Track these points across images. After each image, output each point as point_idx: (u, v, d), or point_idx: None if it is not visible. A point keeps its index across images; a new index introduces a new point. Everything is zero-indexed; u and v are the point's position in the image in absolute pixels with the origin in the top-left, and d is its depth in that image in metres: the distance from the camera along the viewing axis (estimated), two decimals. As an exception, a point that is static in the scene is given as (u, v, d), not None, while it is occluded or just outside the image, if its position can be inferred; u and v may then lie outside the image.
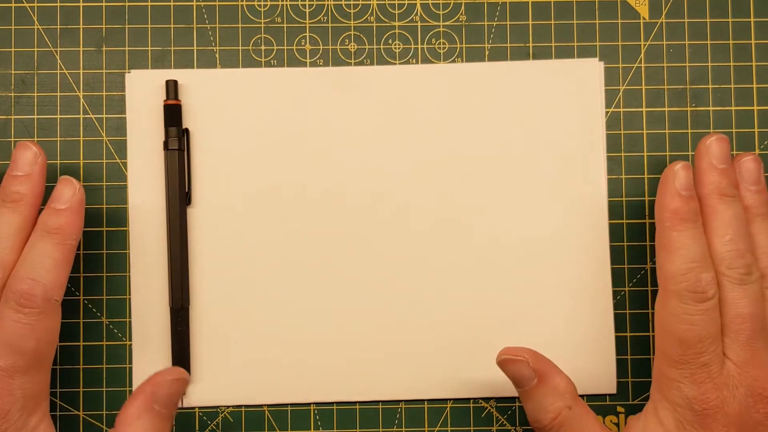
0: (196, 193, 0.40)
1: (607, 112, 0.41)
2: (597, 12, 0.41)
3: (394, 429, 0.40)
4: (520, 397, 0.37)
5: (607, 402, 0.40)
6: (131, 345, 0.40)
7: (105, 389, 0.39)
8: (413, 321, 0.40)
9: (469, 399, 0.40)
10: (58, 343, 0.35)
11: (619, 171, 0.41)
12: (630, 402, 0.40)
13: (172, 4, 0.41)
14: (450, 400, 0.40)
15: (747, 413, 0.33)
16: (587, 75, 0.41)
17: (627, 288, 0.40)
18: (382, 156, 0.40)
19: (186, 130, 0.40)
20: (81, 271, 0.40)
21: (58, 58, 0.40)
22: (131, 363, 0.40)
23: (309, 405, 0.40)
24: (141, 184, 0.40)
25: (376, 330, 0.40)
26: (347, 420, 0.40)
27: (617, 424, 0.40)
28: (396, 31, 0.41)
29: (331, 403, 0.40)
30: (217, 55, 0.40)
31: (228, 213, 0.40)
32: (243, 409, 0.40)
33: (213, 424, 0.40)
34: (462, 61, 0.41)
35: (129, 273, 0.40)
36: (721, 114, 0.41)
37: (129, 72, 0.40)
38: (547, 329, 0.40)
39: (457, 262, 0.40)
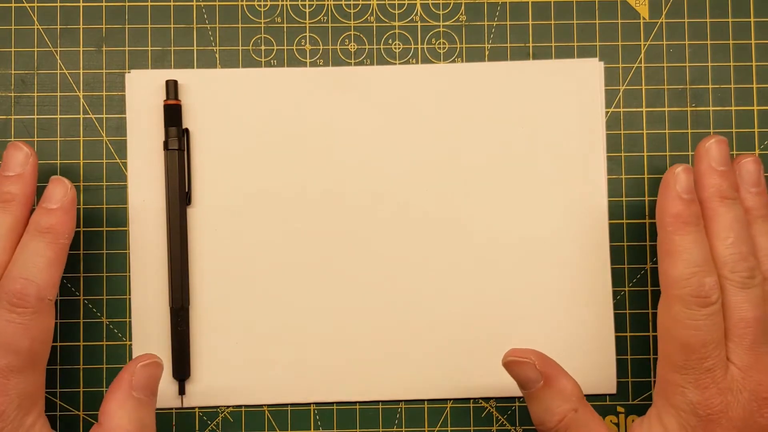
0: (196, 193, 0.40)
1: (607, 112, 0.41)
2: (597, 12, 0.41)
3: (394, 429, 0.40)
4: (525, 399, 0.36)
5: (607, 402, 0.40)
6: (131, 345, 0.40)
7: (105, 389, 0.39)
8: (413, 321, 0.40)
9: (469, 399, 0.40)
10: (52, 343, 0.35)
11: (619, 171, 0.41)
12: (630, 402, 0.40)
13: (172, 4, 0.41)
14: (450, 400, 0.40)
15: (751, 418, 0.33)
16: (587, 75, 0.41)
17: (627, 288, 0.40)
18: (382, 156, 0.40)
19: (186, 130, 0.40)
20: (81, 271, 0.40)
21: (58, 58, 0.40)
22: (131, 363, 0.40)
23: (309, 405, 0.40)
24: (141, 184, 0.40)
25: (376, 330, 0.40)
26: (347, 420, 0.40)
27: (617, 424, 0.40)
28: (396, 31, 0.41)
29: (331, 403, 0.40)
30: (217, 55, 0.40)
31: (228, 213, 0.40)
32: (243, 409, 0.40)
33: (213, 424, 0.40)
34: (462, 61, 0.41)
35: (129, 273, 0.40)
36: (721, 114, 0.41)
37: (129, 72, 0.40)
38: (547, 329, 0.40)
39: (457, 262, 0.40)
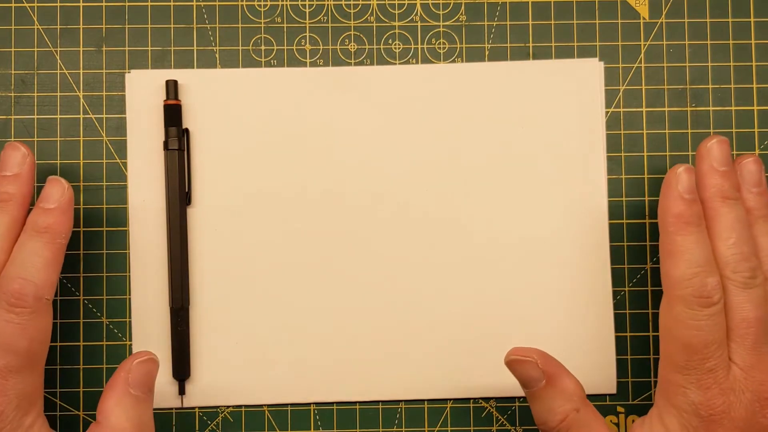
0: (196, 193, 0.40)
1: (607, 112, 0.41)
2: (597, 12, 0.41)
3: (394, 429, 0.40)
4: (527, 398, 0.36)
5: (607, 402, 0.40)
6: (131, 345, 0.40)
7: (105, 389, 0.39)
8: (413, 321, 0.40)
9: (469, 399, 0.40)
10: (52, 343, 0.35)
11: (619, 171, 0.41)
12: (630, 402, 0.40)
13: (172, 4, 0.41)
14: (450, 400, 0.40)
15: (753, 418, 0.33)
16: (587, 75, 0.41)
17: (627, 288, 0.40)
18: (382, 156, 0.40)
19: (186, 130, 0.40)
20: (81, 271, 0.40)
21: (58, 58, 0.40)
22: (131, 363, 0.40)
23: (309, 405, 0.40)
24: (141, 184, 0.40)
25: (376, 330, 0.40)
26: (347, 420, 0.40)
27: (617, 424, 0.40)
28: (396, 31, 0.41)
29: (331, 403, 0.40)
30: (217, 55, 0.40)
31: (228, 213, 0.40)
32: (243, 409, 0.40)
33: (213, 424, 0.40)
34: (462, 61, 0.41)
35: (129, 273, 0.40)
36: (721, 114, 0.41)
37: (129, 72, 0.40)
38: (547, 329, 0.40)
39: (457, 262, 0.40)
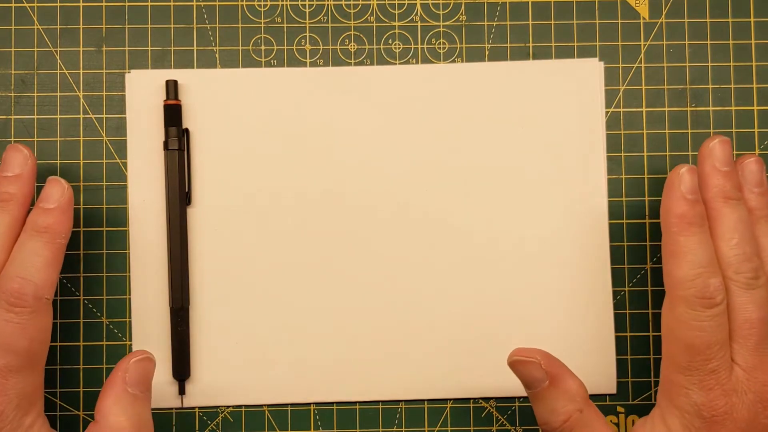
0: (196, 193, 0.40)
1: (607, 112, 0.41)
2: (597, 12, 0.41)
3: (394, 429, 0.40)
4: (529, 399, 0.36)
5: (607, 402, 0.40)
6: (131, 345, 0.40)
7: (105, 389, 0.39)
8: (413, 321, 0.40)
9: (469, 399, 0.40)
10: (52, 343, 0.35)
11: (619, 171, 0.41)
12: (630, 402, 0.40)
13: (172, 4, 0.41)
14: (450, 400, 0.40)
15: (756, 419, 0.33)
16: (587, 75, 0.41)
17: (627, 288, 0.40)
18: (382, 156, 0.40)
19: (186, 130, 0.40)
20: (81, 271, 0.40)
21: (58, 58, 0.40)
22: (131, 363, 0.40)
23: (309, 405, 0.40)
24: (141, 184, 0.40)
25: (376, 330, 0.40)
26: (347, 420, 0.40)
27: (617, 424, 0.40)
28: (396, 31, 0.41)
29: (331, 403, 0.40)
30: (217, 55, 0.40)
31: (228, 213, 0.40)
32: (243, 409, 0.40)
33: (213, 424, 0.40)
34: (462, 61, 0.41)
35: (129, 273, 0.40)
36: (721, 114, 0.41)
37: (129, 72, 0.40)
38: (547, 329, 0.40)
39: (457, 262, 0.40)
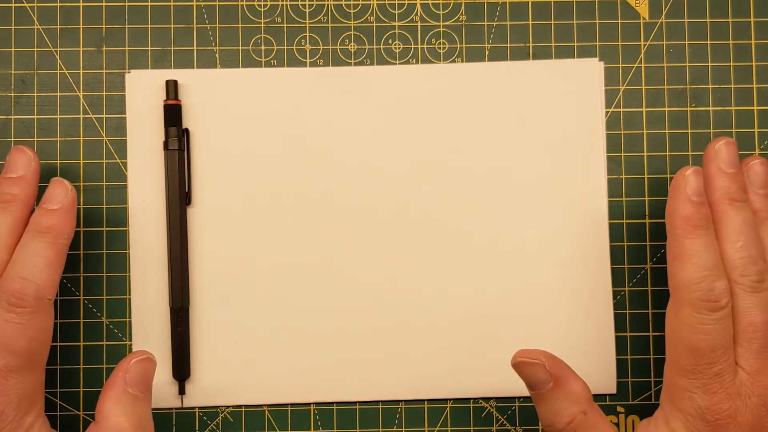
0: (196, 193, 0.40)
1: (607, 112, 0.41)
2: (597, 12, 0.41)
3: (394, 429, 0.40)
4: (533, 400, 0.36)
5: (607, 402, 0.40)
6: (131, 345, 0.40)
7: (105, 389, 0.39)
8: (413, 321, 0.40)
9: (469, 399, 0.40)
10: (52, 343, 0.35)
11: (619, 171, 0.41)
12: (630, 402, 0.40)
13: (172, 4, 0.41)
14: (450, 400, 0.40)
15: (760, 423, 0.33)
16: (587, 75, 0.41)
17: (627, 288, 0.40)
18: (382, 156, 0.40)
19: (186, 130, 0.40)
20: (81, 271, 0.40)
21: (58, 58, 0.40)
22: (131, 363, 0.40)
23: (309, 405, 0.40)
24: (141, 184, 0.40)
25: (376, 330, 0.40)
26: (347, 420, 0.40)
27: (617, 424, 0.40)
28: (396, 31, 0.41)
29: (331, 403, 0.40)
30: (217, 55, 0.40)
31: (228, 213, 0.40)
32: (243, 409, 0.40)
33: (213, 424, 0.40)
34: (462, 61, 0.41)
35: (129, 273, 0.40)
36: (721, 114, 0.41)
37: (129, 72, 0.40)
38: (547, 329, 0.40)
39: (457, 262, 0.40)
